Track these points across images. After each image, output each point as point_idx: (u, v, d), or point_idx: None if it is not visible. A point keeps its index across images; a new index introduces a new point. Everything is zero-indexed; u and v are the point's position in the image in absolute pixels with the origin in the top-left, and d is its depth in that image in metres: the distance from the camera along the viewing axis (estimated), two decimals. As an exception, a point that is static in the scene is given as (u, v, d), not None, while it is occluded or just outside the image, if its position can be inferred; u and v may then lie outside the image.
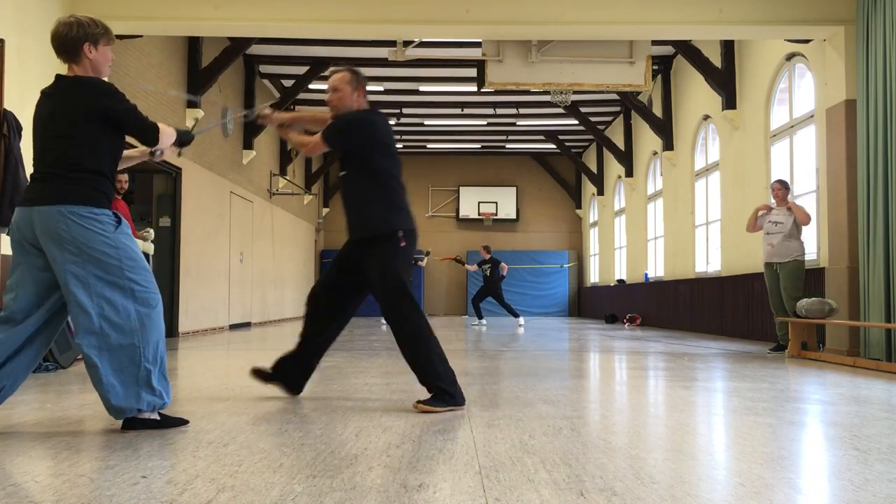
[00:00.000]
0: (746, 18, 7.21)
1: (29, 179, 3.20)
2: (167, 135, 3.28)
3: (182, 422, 3.23)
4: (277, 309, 16.12)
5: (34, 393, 4.27)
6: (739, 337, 10.17)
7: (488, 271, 14.00)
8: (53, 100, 3.09)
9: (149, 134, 3.21)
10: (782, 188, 7.67)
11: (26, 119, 6.17)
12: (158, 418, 3.14)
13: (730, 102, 10.49)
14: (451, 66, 13.02)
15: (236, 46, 10.85)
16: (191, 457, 2.61)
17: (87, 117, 3.04)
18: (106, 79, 3.25)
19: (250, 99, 13.57)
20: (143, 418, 3.10)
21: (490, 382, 4.84)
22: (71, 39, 3.10)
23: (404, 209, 3.92)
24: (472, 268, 14.73)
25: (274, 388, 4.11)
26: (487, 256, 14.13)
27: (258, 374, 4.08)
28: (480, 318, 13.96)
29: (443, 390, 3.67)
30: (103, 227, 3.03)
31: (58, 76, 3.17)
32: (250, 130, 13.51)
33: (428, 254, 16.38)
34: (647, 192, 15.27)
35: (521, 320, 13.67)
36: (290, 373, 4.07)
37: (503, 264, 14.13)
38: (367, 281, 3.90)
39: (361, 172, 3.87)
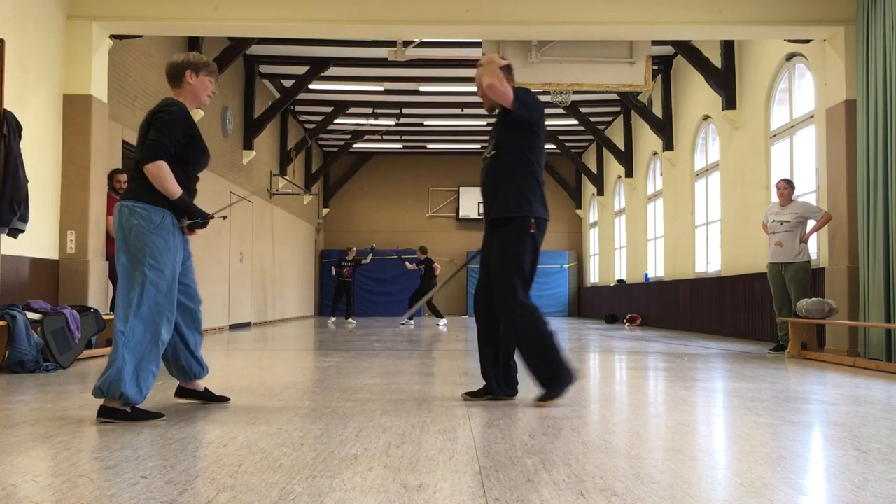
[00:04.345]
0: (746, 18, 7.22)
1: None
2: (166, 180, 3.46)
3: (156, 415, 3.36)
4: (277, 309, 16.12)
5: (34, 393, 4.27)
6: (739, 337, 10.17)
7: (423, 271, 14.62)
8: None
9: (148, 150, 3.39)
10: (788, 187, 7.64)
11: (27, 120, 6.17)
12: (129, 410, 3.29)
13: (730, 102, 10.49)
14: (451, 66, 13.03)
15: (236, 46, 10.85)
16: (191, 457, 2.61)
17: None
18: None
19: (250, 99, 13.57)
20: (114, 408, 3.25)
21: (490, 382, 4.82)
22: (174, 67, 3.57)
23: (540, 198, 3.97)
24: (413, 266, 15.23)
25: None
26: (423, 257, 14.70)
27: (472, 395, 4.11)
28: (411, 318, 14.88)
29: (552, 379, 4.00)
30: (146, 223, 3.38)
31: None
32: (250, 130, 13.51)
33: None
34: (647, 192, 15.27)
35: (443, 321, 14.19)
36: (494, 381, 4.08)
37: (436, 264, 14.74)
38: None
39: (515, 153, 3.94)
